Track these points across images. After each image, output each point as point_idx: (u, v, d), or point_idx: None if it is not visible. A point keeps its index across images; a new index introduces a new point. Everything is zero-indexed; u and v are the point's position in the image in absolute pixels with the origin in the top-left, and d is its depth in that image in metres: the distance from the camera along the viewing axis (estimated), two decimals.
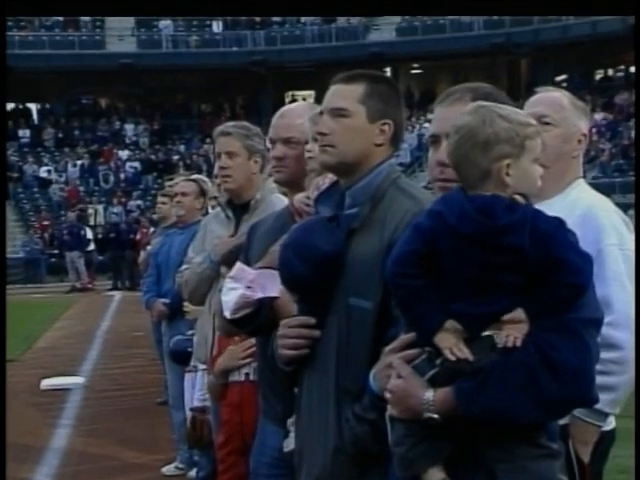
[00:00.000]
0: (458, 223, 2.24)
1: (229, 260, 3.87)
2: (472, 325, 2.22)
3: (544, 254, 2.21)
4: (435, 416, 2.23)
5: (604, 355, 2.46)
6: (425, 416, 2.23)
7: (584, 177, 3.34)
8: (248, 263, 3.21)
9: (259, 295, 3.02)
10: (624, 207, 3.64)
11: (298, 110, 3.57)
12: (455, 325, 2.23)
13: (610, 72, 38.43)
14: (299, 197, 3.26)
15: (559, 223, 2.27)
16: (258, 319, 3.03)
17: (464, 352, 2.20)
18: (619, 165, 30.45)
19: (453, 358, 2.21)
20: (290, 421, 3.11)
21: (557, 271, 2.21)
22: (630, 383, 3.05)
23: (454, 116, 2.38)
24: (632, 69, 35.64)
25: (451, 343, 2.22)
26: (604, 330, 2.36)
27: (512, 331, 2.20)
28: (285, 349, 2.73)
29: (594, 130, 28.71)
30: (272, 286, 3.01)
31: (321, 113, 2.82)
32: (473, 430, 2.24)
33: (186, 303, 5.39)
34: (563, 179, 3.22)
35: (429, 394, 2.23)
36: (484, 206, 2.24)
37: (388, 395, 2.32)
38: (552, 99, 3.27)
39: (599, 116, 31.88)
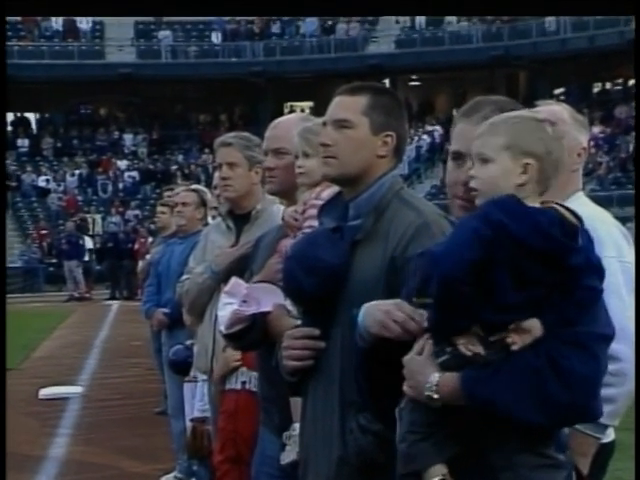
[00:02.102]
0: (529, 236, 2.22)
1: (229, 271, 3.88)
2: (493, 330, 2.25)
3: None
4: (435, 396, 2.25)
5: None
6: (425, 394, 2.26)
7: (582, 190, 3.36)
8: (252, 275, 3.23)
9: (252, 310, 3.03)
10: (622, 220, 3.66)
11: (289, 122, 3.60)
12: (477, 330, 2.26)
13: (608, 85, 38.47)
14: (288, 211, 3.30)
15: (589, 235, 2.34)
16: (251, 334, 3.06)
17: (478, 348, 2.24)
18: (617, 178, 30.48)
19: (469, 353, 2.24)
20: (286, 434, 3.13)
21: (582, 275, 2.25)
22: (629, 395, 3.06)
23: None
24: (630, 82, 35.71)
25: (466, 340, 2.25)
26: None
27: (515, 337, 2.23)
28: (290, 360, 2.73)
29: (592, 143, 28.70)
30: (267, 300, 3.03)
31: (324, 124, 2.82)
32: (476, 432, 2.26)
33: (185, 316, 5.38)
34: (563, 192, 3.22)
35: (436, 375, 2.27)
36: (553, 221, 2.26)
37: (405, 370, 2.35)
38: (553, 113, 3.28)
39: (597, 129, 31.92)
